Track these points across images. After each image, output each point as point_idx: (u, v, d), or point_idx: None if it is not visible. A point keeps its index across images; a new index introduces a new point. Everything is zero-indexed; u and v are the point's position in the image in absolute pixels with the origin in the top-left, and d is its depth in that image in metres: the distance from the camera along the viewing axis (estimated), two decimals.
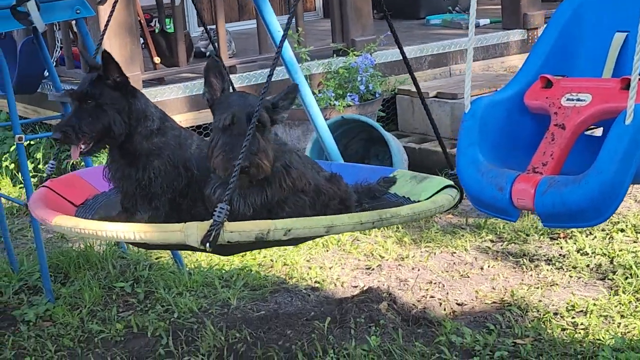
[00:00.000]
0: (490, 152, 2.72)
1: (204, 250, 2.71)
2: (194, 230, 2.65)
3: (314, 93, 5.14)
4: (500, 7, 8.46)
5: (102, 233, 2.87)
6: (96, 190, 3.64)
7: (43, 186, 3.47)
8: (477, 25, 8.72)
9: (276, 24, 4.95)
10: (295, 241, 3.21)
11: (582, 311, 4.22)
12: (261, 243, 2.89)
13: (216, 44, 7.35)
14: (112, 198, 3.59)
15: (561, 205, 2.49)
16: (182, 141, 3.32)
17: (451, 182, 3.19)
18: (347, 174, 3.64)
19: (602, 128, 2.90)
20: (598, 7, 2.95)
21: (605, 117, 2.65)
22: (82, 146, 3.13)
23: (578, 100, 2.68)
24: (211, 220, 2.63)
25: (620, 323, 4.06)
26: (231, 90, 3.17)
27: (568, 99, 2.70)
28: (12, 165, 7.42)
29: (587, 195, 2.44)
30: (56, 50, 7.38)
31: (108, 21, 3.74)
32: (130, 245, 5.40)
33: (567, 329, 4.06)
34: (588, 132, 2.85)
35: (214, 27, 7.89)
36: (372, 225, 2.88)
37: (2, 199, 5.28)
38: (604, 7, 2.94)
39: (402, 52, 3.57)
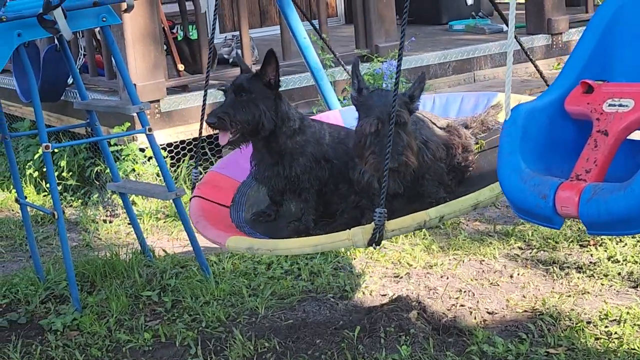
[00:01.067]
0: (532, 160, 2.66)
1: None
2: (360, 237, 2.98)
3: (338, 99, 5.12)
4: (524, 12, 8.41)
5: (277, 252, 3.23)
6: (237, 181, 3.98)
7: (195, 196, 3.78)
8: (501, 31, 8.67)
9: (302, 30, 4.94)
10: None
11: (615, 320, 4.15)
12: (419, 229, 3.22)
13: (239, 50, 7.33)
14: (253, 186, 3.95)
15: (606, 213, 2.43)
16: (319, 136, 3.65)
17: None
18: (451, 106, 4.12)
19: None
20: (638, 9, 2.89)
21: None
22: (230, 135, 3.40)
23: (620, 105, 2.63)
24: (373, 224, 2.96)
25: None
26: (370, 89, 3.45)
27: (610, 105, 2.65)
28: (36, 174, 7.41)
29: (633, 203, 2.38)
30: (80, 58, 7.37)
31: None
32: (157, 254, 5.38)
33: (601, 338, 4.00)
34: (630, 136, 2.80)
35: (237, 33, 7.88)
36: None
37: (28, 207, 5.25)
38: None
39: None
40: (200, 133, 4.03)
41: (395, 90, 3.04)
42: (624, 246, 4.96)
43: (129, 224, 6.14)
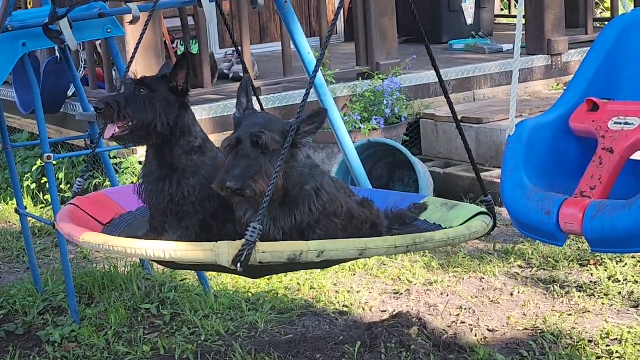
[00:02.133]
0: (536, 176, 2.67)
1: (235, 272, 2.67)
2: (225, 250, 2.59)
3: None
4: (524, 32, 8.44)
5: (131, 250, 2.80)
6: (123, 209, 3.59)
7: (70, 204, 3.39)
8: (501, 51, 8.70)
9: (306, 45, 4.92)
10: (327, 263, 3.14)
11: (616, 339, 4.15)
12: (293, 265, 2.81)
13: (241, 66, 7.35)
14: (139, 218, 3.56)
15: (611, 230, 2.44)
16: (219, 163, 3.20)
17: (484, 209, 3.12)
18: (376, 199, 3.60)
19: None
20: None
21: None
22: (117, 129, 3.06)
23: (626, 124, 2.64)
24: (243, 240, 2.57)
25: None
26: (258, 110, 3.16)
27: (615, 123, 2.66)
28: (34, 185, 7.40)
29: (637, 221, 2.39)
30: (80, 71, 7.38)
31: (139, 41, 3.73)
32: (155, 267, 5.37)
33: (603, 357, 4.00)
34: (633, 157, 2.80)
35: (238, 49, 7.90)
36: (405, 249, 2.80)
37: (28, 218, 5.25)
38: None
39: (439, 75, 3.50)
40: (95, 144, 3.77)
41: (299, 112, 2.75)
42: (624, 266, 4.97)
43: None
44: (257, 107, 3.91)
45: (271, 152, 2.84)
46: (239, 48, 4.80)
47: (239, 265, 2.56)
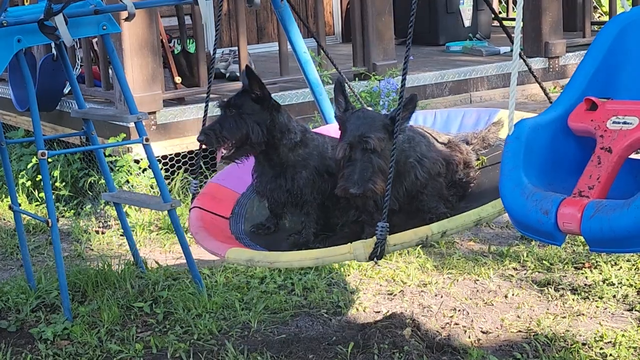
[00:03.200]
0: (535, 175, 2.65)
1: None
2: (361, 250, 2.96)
3: None
4: (522, 35, 8.43)
5: (277, 264, 3.20)
6: (236, 193, 3.97)
7: (195, 207, 3.77)
8: (498, 53, 8.69)
9: (303, 45, 4.93)
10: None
11: (610, 342, 4.13)
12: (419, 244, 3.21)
13: (237, 65, 7.33)
14: (253, 199, 3.94)
15: (609, 230, 2.42)
16: (322, 149, 3.65)
17: None
18: (452, 122, 4.10)
19: None
20: None
21: None
22: (224, 151, 3.45)
23: (625, 123, 2.62)
24: (374, 238, 2.95)
25: None
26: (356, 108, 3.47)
27: (614, 122, 2.64)
28: (29, 183, 7.37)
29: (636, 221, 2.37)
30: (76, 68, 7.36)
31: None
32: (149, 265, 5.34)
33: (597, 359, 3.98)
34: (632, 156, 2.79)
35: (235, 49, 7.89)
36: None
37: (22, 215, 5.21)
38: None
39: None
40: (201, 146, 4.02)
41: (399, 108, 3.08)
42: (619, 269, 4.95)
43: (121, 235, 6.11)
44: None
45: (376, 152, 3.19)
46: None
47: (375, 259, 2.97)
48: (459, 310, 4.57)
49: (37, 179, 7.29)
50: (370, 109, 3.81)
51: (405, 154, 3.40)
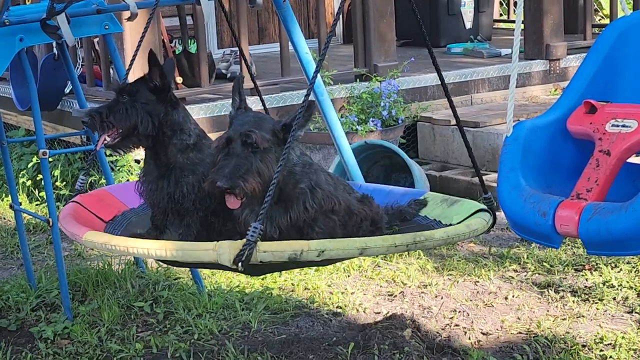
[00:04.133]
0: (533, 177, 2.66)
1: (236, 270, 2.66)
2: (226, 250, 2.61)
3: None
4: (522, 37, 8.44)
5: (133, 250, 2.83)
6: (125, 206, 3.61)
7: (72, 201, 3.40)
8: (499, 55, 8.70)
9: (304, 45, 4.92)
10: (328, 262, 3.13)
11: (610, 344, 4.14)
12: (293, 263, 2.85)
13: (239, 66, 7.34)
14: (141, 215, 3.58)
15: (606, 233, 2.43)
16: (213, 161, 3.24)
17: (483, 206, 3.11)
18: (377, 195, 3.61)
19: None
20: None
21: None
22: (108, 138, 3.15)
23: (623, 126, 2.63)
24: (244, 240, 2.59)
25: None
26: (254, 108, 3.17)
27: (613, 125, 2.65)
28: (29, 182, 7.38)
29: (634, 224, 2.38)
30: (77, 68, 7.36)
31: (140, 41, 3.74)
32: (149, 265, 5.35)
33: None
34: (630, 159, 2.80)
35: (235, 49, 7.90)
36: (406, 248, 2.80)
37: (23, 214, 5.23)
38: None
39: (441, 78, 3.50)
40: (98, 144, 3.75)
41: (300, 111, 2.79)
42: (619, 271, 4.96)
43: None
44: (259, 106, 3.88)
45: (262, 151, 2.87)
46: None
47: (240, 264, 2.60)
48: (459, 312, 4.58)
49: (38, 178, 7.30)
50: (263, 112, 3.53)
51: (296, 177, 3.04)
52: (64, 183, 7.16)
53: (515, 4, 10.85)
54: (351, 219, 3.22)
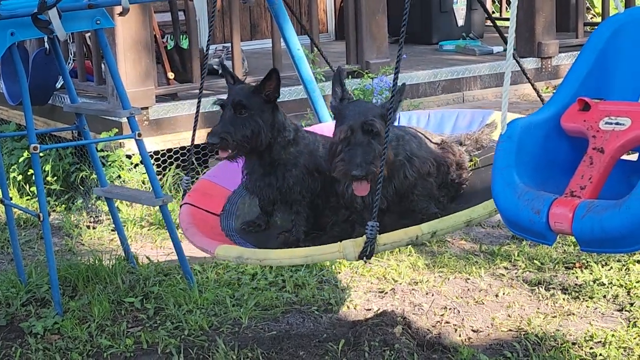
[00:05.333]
0: (527, 175, 2.65)
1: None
2: (351, 249, 2.94)
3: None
4: (515, 35, 8.43)
5: (266, 262, 3.21)
6: (228, 190, 3.95)
7: (185, 203, 3.74)
8: (491, 53, 8.70)
9: (296, 42, 4.93)
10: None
11: (600, 342, 4.15)
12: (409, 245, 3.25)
13: (231, 62, 7.32)
14: (244, 197, 3.91)
15: (600, 231, 2.42)
16: (312, 147, 3.63)
17: None
18: (445, 121, 4.09)
19: (637, 153, 2.85)
20: (636, 30, 2.90)
21: None
22: (230, 151, 3.40)
23: (617, 124, 2.63)
24: (364, 238, 2.92)
25: None
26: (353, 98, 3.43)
27: (607, 123, 2.65)
28: (20, 177, 7.36)
29: (628, 221, 2.37)
30: (69, 63, 7.34)
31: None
32: (140, 261, 5.34)
33: (586, 359, 3.99)
34: (623, 157, 2.80)
35: (227, 45, 7.89)
36: None
37: (13, 209, 5.20)
38: None
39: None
40: (193, 141, 4.03)
41: (392, 100, 3.05)
42: (609, 269, 4.97)
43: (112, 230, 6.11)
44: None
45: (379, 136, 3.15)
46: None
47: (364, 259, 2.95)
48: (450, 309, 4.58)
49: (29, 173, 7.27)
50: (366, 101, 3.76)
51: (394, 151, 3.36)
52: (55, 178, 7.14)
53: (507, 1, 10.87)
54: (441, 169, 3.58)
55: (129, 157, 6.59)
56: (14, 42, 4.39)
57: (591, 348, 4.09)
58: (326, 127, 4.46)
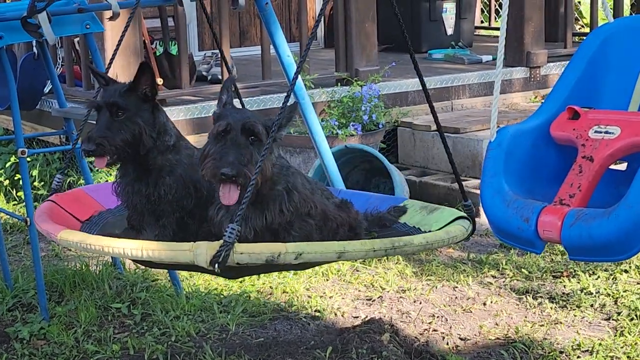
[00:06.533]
0: (516, 183, 2.66)
1: (212, 272, 2.64)
2: (203, 250, 2.57)
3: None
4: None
5: (109, 249, 2.77)
6: (102, 207, 3.57)
7: (49, 200, 3.37)
8: (480, 62, 8.71)
9: (286, 48, 4.91)
10: (304, 266, 3.13)
11: (587, 351, 4.15)
12: (270, 266, 2.81)
13: (220, 68, 7.32)
14: (117, 216, 3.53)
15: (588, 239, 2.43)
16: (195, 161, 3.15)
17: (463, 213, 3.10)
18: (356, 201, 3.56)
19: (626, 163, 2.86)
20: (625, 39, 2.91)
21: (635, 151, 2.61)
22: (109, 157, 3.05)
23: (606, 132, 2.64)
24: (221, 241, 2.55)
25: None
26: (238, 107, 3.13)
27: (596, 132, 2.66)
28: (7, 182, 7.33)
29: (616, 230, 2.39)
30: (57, 68, 7.31)
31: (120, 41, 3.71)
32: (127, 266, 5.32)
33: None
34: (612, 166, 2.80)
35: (216, 51, 7.87)
36: (384, 252, 2.77)
37: (0, 213, 5.18)
38: (631, 39, 2.90)
39: (422, 82, 3.50)
40: (76, 141, 3.58)
41: (280, 113, 2.73)
42: (596, 279, 4.97)
43: None
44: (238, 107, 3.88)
45: (258, 144, 2.82)
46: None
47: (216, 265, 2.54)
48: (438, 317, 4.58)
49: (16, 178, 7.24)
50: (250, 110, 3.46)
51: (275, 178, 2.99)
52: (42, 183, 7.12)
53: (496, 11, 10.91)
54: (327, 224, 3.18)
55: None
56: (3, 45, 4.37)
57: (578, 357, 4.10)
58: None
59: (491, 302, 4.76)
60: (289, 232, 3.04)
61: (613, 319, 4.49)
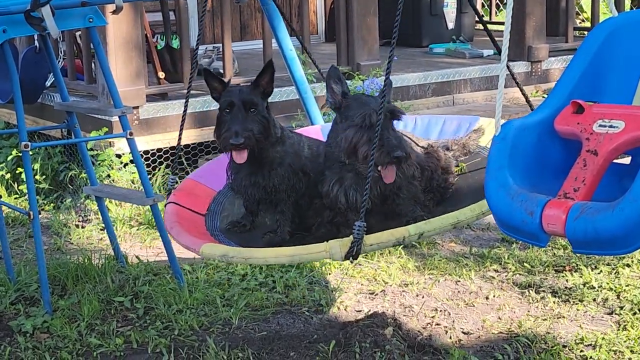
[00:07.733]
0: (520, 176, 2.66)
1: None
2: (337, 249, 2.93)
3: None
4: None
5: (252, 260, 3.16)
6: (213, 190, 3.92)
7: (171, 202, 3.73)
8: (481, 56, 8.72)
9: (289, 42, 4.93)
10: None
11: (590, 345, 4.16)
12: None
13: (221, 62, 7.31)
14: (229, 197, 3.90)
15: (593, 232, 2.43)
16: (297, 147, 3.61)
17: None
18: (432, 127, 4.07)
19: (630, 157, 2.86)
20: (630, 34, 2.91)
21: (639, 145, 2.60)
22: (247, 150, 3.37)
23: (611, 127, 2.64)
24: (351, 237, 2.91)
25: (630, 358, 4.00)
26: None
27: (600, 125, 2.66)
28: (8, 175, 7.33)
29: (621, 223, 2.39)
30: (59, 62, 7.31)
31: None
32: (130, 260, 5.32)
33: None
34: (616, 160, 2.81)
35: (218, 45, 7.88)
36: None
37: (2, 207, 5.18)
38: (636, 34, 2.90)
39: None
40: (179, 141, 3.99)
41: (382, 98, 3.12)
42: (599, 273, 4.98)
43: (101, 229, 6.09)
44: None
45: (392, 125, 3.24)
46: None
47: (351, 259, 2.94)
48: (441, 311, 4.59)
49: (17, 172, 7.25)
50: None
51: None
52: (44, 177, 7.12)
53: (497, 5, 10.89)
54: (424, 174, 3.58)
55: (118, 156, 6.58)
56: (6, 39, 4.36)
57: (581, 351, 4.10)
58: (312, 130, 4.46)
59: (494, 296, 4.76)
60: (398, 195, 3.44)
61: (616, 313, 4.50)
